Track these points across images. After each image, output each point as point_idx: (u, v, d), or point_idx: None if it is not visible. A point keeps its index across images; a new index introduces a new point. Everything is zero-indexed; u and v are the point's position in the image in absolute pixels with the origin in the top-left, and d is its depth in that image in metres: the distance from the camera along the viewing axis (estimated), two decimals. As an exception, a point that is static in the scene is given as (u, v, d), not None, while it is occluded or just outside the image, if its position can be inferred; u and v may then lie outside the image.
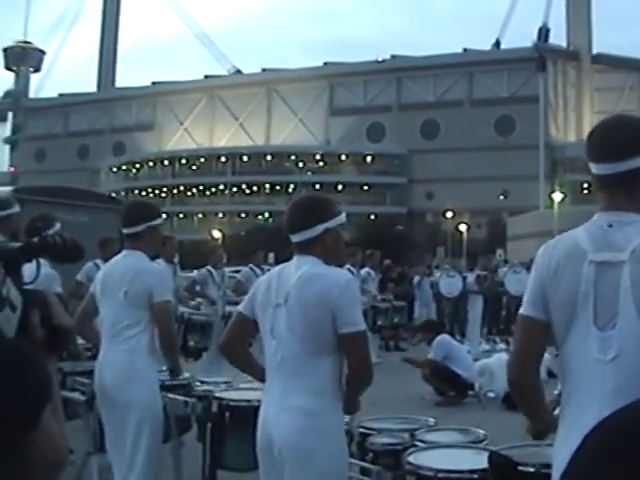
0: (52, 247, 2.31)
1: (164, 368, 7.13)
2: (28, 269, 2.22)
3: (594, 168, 3.14)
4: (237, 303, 15.59)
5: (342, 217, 4.45)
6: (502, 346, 17.13)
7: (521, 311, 3.22)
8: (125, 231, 5.97)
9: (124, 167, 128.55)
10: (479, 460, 4.62)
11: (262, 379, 4.49)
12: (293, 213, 4.48)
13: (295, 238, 4.37)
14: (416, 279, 23.30)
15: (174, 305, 12.86)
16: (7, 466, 1.96)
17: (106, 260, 7.94)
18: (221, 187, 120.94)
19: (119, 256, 6.06)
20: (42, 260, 2.32)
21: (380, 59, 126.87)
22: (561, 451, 2.94)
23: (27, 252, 2.24)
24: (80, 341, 7.09)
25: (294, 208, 4.52)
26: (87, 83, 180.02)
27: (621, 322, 2.92)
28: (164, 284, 5.79)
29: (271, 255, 19.87)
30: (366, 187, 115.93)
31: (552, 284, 3.09)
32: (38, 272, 2.24)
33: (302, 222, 4.36)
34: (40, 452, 2.02)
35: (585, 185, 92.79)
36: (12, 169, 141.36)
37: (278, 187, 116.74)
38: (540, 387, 3.32)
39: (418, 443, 5.25)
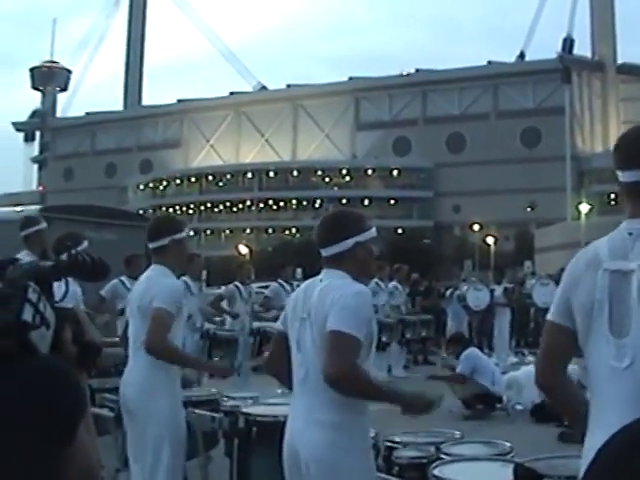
0: (82, 266, 2.37)
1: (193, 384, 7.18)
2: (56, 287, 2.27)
3: (620, 176, 3.16)
4: (265, 319, 15.62)
5: (373, 232, 4.43)
6: (530, 359, 17.00)
7: (548, 317, 3.25)
8: (150, 245, 5.94)
9: (151, 184, 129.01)
10: (505, 473, 4.61)
11: None
12: (324, 227, 4.49)
13: (325, 252, 4.38)
14: (448, 292, 23.26)
15: (198, 320, 12.97)
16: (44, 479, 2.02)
17: (131, 277, 7.97)
18: (248, 203, 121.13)
19: (146, 272, 6.07)
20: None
21: (405, 73, 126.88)
22: (586, 457, 2.96)
23: (58, 271, 2.30)
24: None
25: (325, 222, 4.53)
26: (113, 102, 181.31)
27: (634, 330, 2.93)
28: (165, 294, 5.63)
29: (299, 270, 19.92)
30: (393, 201, 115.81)
31: (573, 293, 3.12)
32: (67, 290, 2.29)
33: (332, 236, 4.36)
34: (75, 466, 2.07)
35: (612, 196, 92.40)
36: (40, 188, 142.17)
37: (305, 202, 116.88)
38: (570, 385, 3.31)
39: (444, 456, 5.25)
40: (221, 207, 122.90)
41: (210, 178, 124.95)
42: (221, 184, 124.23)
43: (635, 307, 2.94)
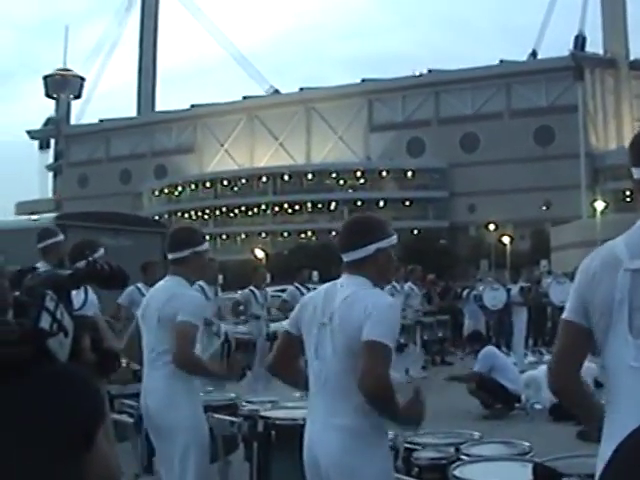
0: (100, 274, 2.38)
1: (210, 388, 7.18)
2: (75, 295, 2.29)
3: (635, 172, 3.13)
4: (283, 319, 15.68)
5: (394, 238, 4.42)
6: (548, 357, 16.97)
7: (563, 316, 3.22)
8: (170, 256, 5.91)
9: (166, 190, 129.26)
10: (524, 472, 4.60)
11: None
12: (346, 232, 4.47)
13: (346, 257, 4.36)
14: (464, 293, 23.23)
15: (214, 324, 12.98)
16: None
17: (148, 284, 7.98)
18: (263, 207, 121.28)
19: (162, 281, 6.05)
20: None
21: (417, 74, 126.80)
22: (602, 457, 2.94)
23: (76, 279, 2.31)
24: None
25: (347, 227, 4.50)
26: (127, 108, 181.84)
27: None
28: (190, 308, 5.65)
29: (315, 273, 19.86)
30: (408, 202, 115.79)
31: (590, 293, 3.08)
32: (86, 298, 2.31)
33: (354, 241, 4.34)
34: (95, 471, 2.08)
35: (627, 193, 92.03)
36: (56, 195, 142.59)
37: (320, 205, 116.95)
38: (585, 385, 3.30)
39: (463, 457, 5.24)
40: (236, 211, 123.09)
41: (225, 183, 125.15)
42: (236, 188, 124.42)
43: None
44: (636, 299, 2.96)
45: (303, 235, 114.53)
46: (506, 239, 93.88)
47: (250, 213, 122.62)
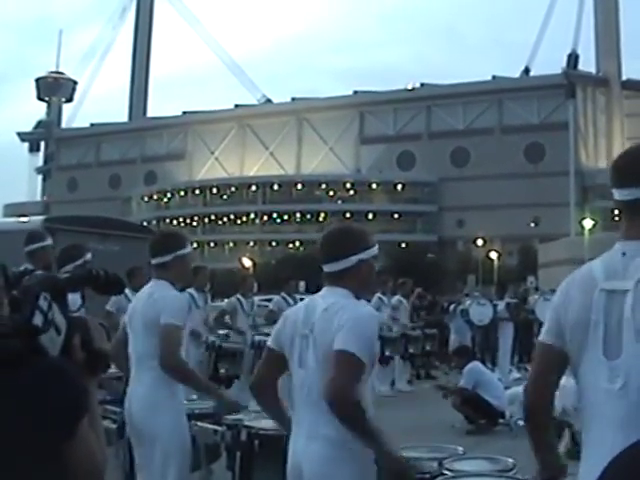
0: (95, 279, 2.46)
1: (194, 397, 7.15)
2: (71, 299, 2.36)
3: (615, 194, 3.14)
4: (268, 333, 15.65)
5: (375, 249, 4.39)
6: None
7: (539, 338, 3.25)
8: (153, 261, 5.91)
9: (155, 196, 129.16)
10: (507, 489, 4.61)
11: (286, 428, 4.44)
12: (327, 243, 4.42)
13: (328, 268, 4.32)
14: (451, 307, 23.26)
15: (201, 333, 12.97)
16: (47, 474, 2.08)
17: (135, 290, 7.95)
18: (252, 216, 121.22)
19: (146, 286, 6.05)
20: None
21: (410, 87, 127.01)
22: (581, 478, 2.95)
23: (73, 282, 2.39)
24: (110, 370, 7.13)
25: (328, 238, 4.46)
26: (118, 113, 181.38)
27: (625, 351, 2.91)
28: (174, 309, 5.65)
29: (302, 284, 19.78)
30: (397, 215, 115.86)
31: (566, 313, 3.09)
32: (83, 302, 2.38)
33: (336, 252, 4.31)
34: (78, 462, 2.14)
35: (616, 212, 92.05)
36: (45, 198, 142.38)
37: (309, 216, 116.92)
38: (550, 423, 3.33)
39: (446, 472, 5.23)
40: (225, 220, 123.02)
41: (214, 190, 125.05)
42: (225, 197, 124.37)
43: (627, 327, 2.92)
44: (611, 320, 2.97)
45: (291, 245, 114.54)
46: (494, 255, 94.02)
47: (239, 222, 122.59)
